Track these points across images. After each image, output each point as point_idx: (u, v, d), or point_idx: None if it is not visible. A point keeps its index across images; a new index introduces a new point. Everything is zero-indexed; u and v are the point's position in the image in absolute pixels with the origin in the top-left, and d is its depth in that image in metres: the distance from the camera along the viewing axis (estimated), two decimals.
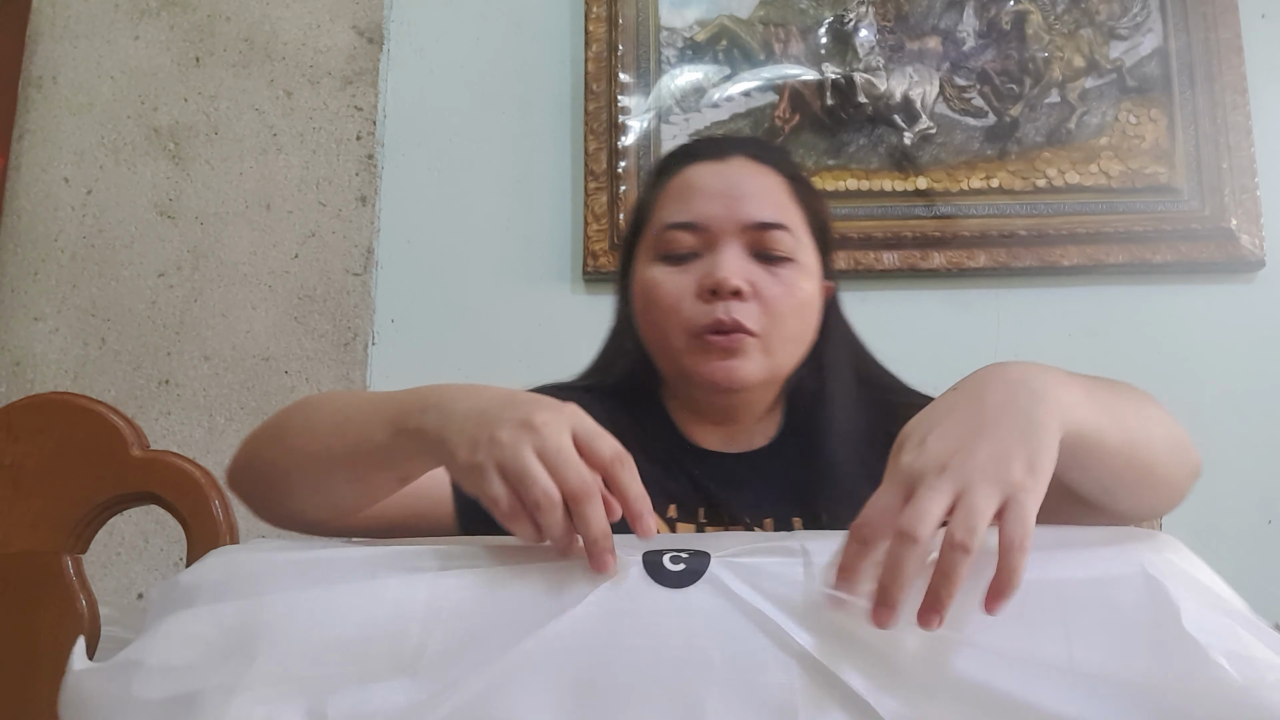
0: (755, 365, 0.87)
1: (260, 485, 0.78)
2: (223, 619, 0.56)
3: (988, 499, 0.52)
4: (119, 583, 1.58)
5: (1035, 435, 0.56)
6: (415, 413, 0.66)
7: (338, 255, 1.70)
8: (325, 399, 0.79)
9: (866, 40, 1.75)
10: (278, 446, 0.76)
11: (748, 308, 0.86)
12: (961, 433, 0.56)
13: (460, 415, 0.63)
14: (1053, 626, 0.53)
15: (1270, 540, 1.58)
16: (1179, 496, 0.71)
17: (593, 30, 1.76)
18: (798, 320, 0.90)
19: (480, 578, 0.57)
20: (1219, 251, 1.66)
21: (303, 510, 0.76)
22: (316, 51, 1.77)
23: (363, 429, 0.69)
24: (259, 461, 0.78)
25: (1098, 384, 0.66)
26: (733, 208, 0.89)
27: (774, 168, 0.93)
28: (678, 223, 0.90)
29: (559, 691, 0.52)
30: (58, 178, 1.72)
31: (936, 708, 0.51)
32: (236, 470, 0.81)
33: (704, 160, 0.93)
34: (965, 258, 1.68)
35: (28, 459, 0.86)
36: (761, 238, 0.89)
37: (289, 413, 0.78)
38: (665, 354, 0.91)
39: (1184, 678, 0.51)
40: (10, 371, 1.66)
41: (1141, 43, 1.74)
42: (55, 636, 0.82)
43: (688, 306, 0.87)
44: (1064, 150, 1.71)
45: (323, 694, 0.53)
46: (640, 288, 0.92)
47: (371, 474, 0.71)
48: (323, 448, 0.71)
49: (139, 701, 0.54)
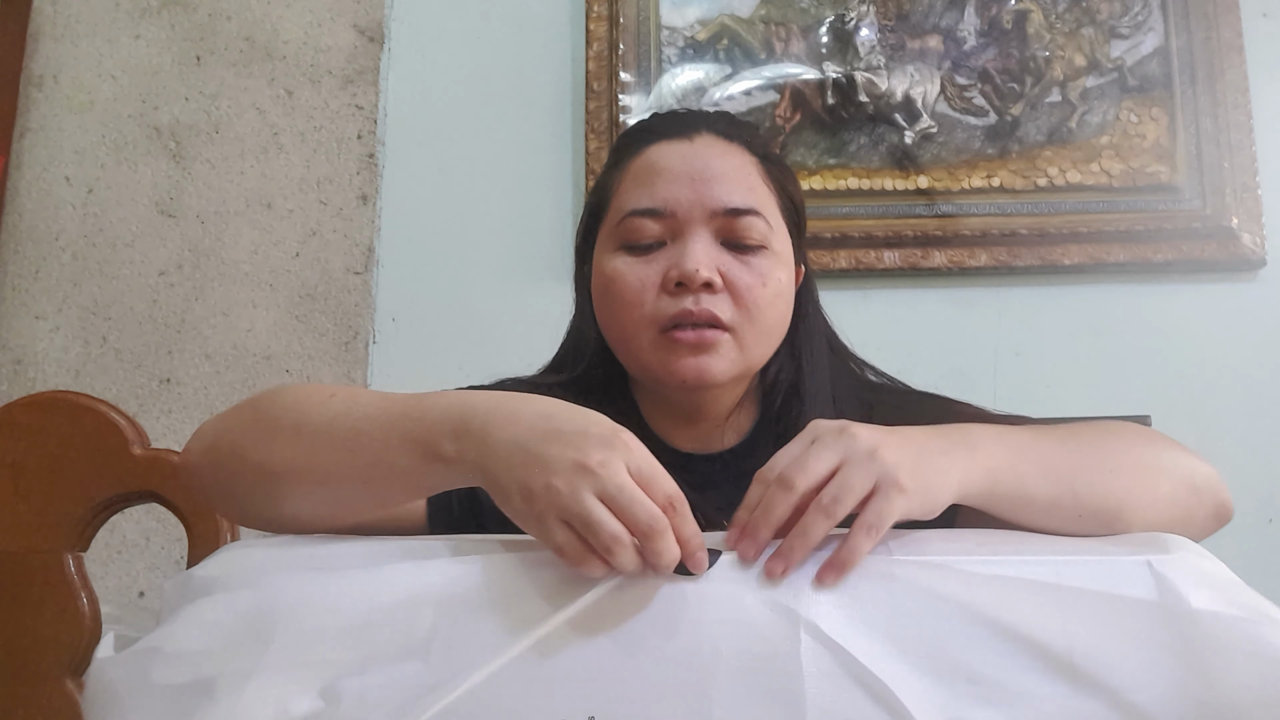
0: (728, 362, 0.82)
1: (242, 487, 0.70)
2: (238, 606, 0.57)
3: (862, 478, 0.58)
4: (120, 581, 1.58)
5: (934, 464, 0.61)
6: (445, 438, 0.61)
7: (339, 254, 1.70)
8: (311, 396, 0.70)
9: (867, 39, 1.75)
10: (268, 449, 0.68)
11: (719, 299, 0.81)
12: (879, 432, 0.61)
13: (503, 450, 0.58)
14: (1054, 621, 0.54)
15: (1271, 539, 1.58)
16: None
17: (594, 29, 1.76)
18: (772, 311, 0.84)
19: (492, 565, 0.58)
20: (1220, 250, 1.66)
21: (295, 516, 0.70)
22: (317, 50, 1.77)
23: (382, 450, 0.64)
24: (241, 463, 0.70)
25: (1047, 436, 0.68)
26: (701, 192, 0.82)
27: (744, 145, 0.87)
28: (640, 209, 0.83)
29: (570, 677, 0.53)
30: (59, 177, 1.72)
31: (943, 687, 0.52)
32: (204, 465, 0.72)
33: (668, 139, 0.86)
34: (966, 257, 1.68)
35: (29, 457, 0.87)
36: (732, 224, 0.83)
37: (271, 409, 0.70)
38: (628, 351, 0.86)
39: (1198, 664, 0.52)
40: (11, 370, 1.66)
41: (1143, 41, 1.74)
42: (56, 635, 0.82)
43: (652, 300, 0.82)
44: (1065, 149, 1.71)
45: (336, 677, 0.54)
46: (600, 280, 0.86)
47: (393, 494, 0.67)
48: (331, 462, 0.65)
49: (158, 687, 0.55)
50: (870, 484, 0.58)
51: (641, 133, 0.89)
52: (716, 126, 0.87)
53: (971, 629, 0.53)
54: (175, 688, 0.54)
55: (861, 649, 0.52)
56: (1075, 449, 0.67)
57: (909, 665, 0.52)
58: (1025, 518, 0.64)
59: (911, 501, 0.58)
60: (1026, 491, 0.63)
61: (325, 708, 0.53)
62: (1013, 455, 0.64)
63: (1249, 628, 0.53)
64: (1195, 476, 0.70)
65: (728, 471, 0.87)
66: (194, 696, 0.54)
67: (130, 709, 0.55)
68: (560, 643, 0.54)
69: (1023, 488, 0.63)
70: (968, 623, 0.53)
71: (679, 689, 0.52)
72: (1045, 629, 0.53)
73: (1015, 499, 0.64)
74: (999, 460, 0.63)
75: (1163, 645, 0.53)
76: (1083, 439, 0.69)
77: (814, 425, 0.62)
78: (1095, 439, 0.70)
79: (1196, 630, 0.53)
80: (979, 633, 0.53)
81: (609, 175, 0.90)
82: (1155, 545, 0.59)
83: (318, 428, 0.67)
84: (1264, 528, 1.59)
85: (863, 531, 0.57)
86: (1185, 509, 0.68)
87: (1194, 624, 0.53)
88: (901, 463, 0.58)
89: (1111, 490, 0.65)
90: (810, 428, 0.62)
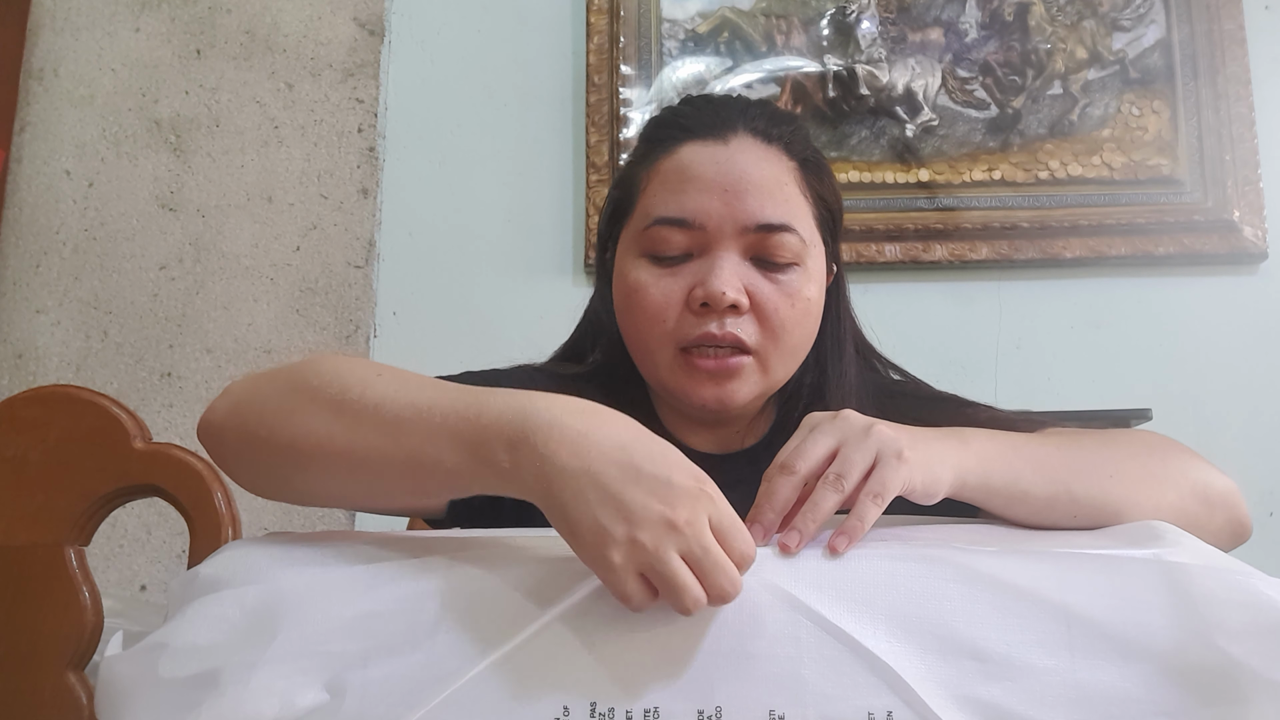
0: (750, 385, 0.80)
1: (266, 456, 0.67)
2: (244, 601, 0.57)
3: (862, 453, 0.59)
4: (122, 575, 1.58)
5: (928, 444, 0.62)
6: (500, 445, 0.57)
7: (339, 248, 1.70)
8: (355, 371, 0.67)
9: (868, 32, 1.75)
10: (302, 423, 0.64)
11: (743, 321, 0.78)
12: (873, 417, 0.62)
13: (574, 481, 0.55)
14: (1055, 615, 0.54)
15: (1272, 533, 1.58)
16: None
17: (594, 22, 1.76)
18: (799, 331, 0.81)
19: (495, 558, 0.58)
20: (1221, 243, 1.66)
21: (318, 494, 0.67)
22: (318, 44, 1.77)
23: (429, 444, 0.60)
24: (269, 432, 0.66)
25: (1046, 440, 0.68)
26: (733, 205, 0.78)
27: (782, 148, 0.82)
28: (669, 218, 0.79)
29: (572, 666, 0.53)
30: (59, 170, 1.72)
31: (948, 664, 0.52)
32: (228, 428, 0.69)
33: (701, 139, 0.81)
34: (967, 250, 1.68)
35: (30, 451, 0.86)
36: (764, 241, 0.79)
37: (310, 380, 0.66)
38: (647, 364, 0.83)
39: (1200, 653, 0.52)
40: (12, 364, 1.66)
41: (1144, 34, 1.73)
42: (58, 629, 0.82)
43: (675, 317, 0.79)
44: (1066, 142, 1.71)
45: (342, 669, 0.54)
46: (622, 286, 0.83)
47: (432, 489, 0.63)
48: (371, 447, 0.62)
49: (165, 681, 0.55)
50: (871, 457, 0.59)
51: (674, 127, 0.84)
52: (755, 124, 0.82)
53: (973, 607, 0.54)
54: (182, 681, 0.55)
55: (863, 631, 0.53)
56: (1074, 453, 0.67)
57: (912, 645, 0.52)
58: (1023, 515, 0.64)
59: (914, 472, 0.59)
60: (1021, 487, 0.63)
61: (330, 700, 0.53)
62: (1007, 450, 0.65)
63: (1240, 579, 0.54)
64: (1209, 489, 0.70)
65: (744, 471, 0.85)
66: (200, 689, 0.54)
67: (138, 703, 0.55)
68: (563, 632, 0.54)
69: (1017, 482, 0.63)
70: (969, 601, 0.54)
71: (680, 677, 0.53)
72: (1044, 601, 0.54)
73: (1011, 494, 0.63)
74: (991, 453, 0.64)
75: (1159, 606, 0.53)
76: (1084, 445, 0.69)
77: (810, 417, 0.63)
78: (1099, 446, 0.69)
79: (1191, 586, 0.53)
80: (981, 610, 0.53)
81: (637, 168, 0.85)
82: (1150, 530, 0.60)
83: (360, 409, 0.63)
84: (1265, 521, 1.59)
85: (869, 499, 0.58)
86: (1193, 520, 0.67)
87: (1188, 578, 0.54)
88: (899, 437, 0.60)
89: (1110, 494, 0.64)
90: (807, 420, 0.63)
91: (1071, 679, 0.52)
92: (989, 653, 0.52)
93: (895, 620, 0.53)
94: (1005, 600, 0.54)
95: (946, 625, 0.53)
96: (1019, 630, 0.53)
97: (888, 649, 0.52)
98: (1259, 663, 0.51)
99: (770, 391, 0.84)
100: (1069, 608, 0.53)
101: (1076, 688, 0.51)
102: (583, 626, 0.54)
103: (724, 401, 0.79)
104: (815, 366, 0.88)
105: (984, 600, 0.54)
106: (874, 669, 0.52)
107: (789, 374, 0.84)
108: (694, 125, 0.82)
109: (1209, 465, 0.72)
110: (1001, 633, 0.53)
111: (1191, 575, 0.54)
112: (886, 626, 0.53)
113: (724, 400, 0.79)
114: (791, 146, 0.83)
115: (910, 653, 0.52)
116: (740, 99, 0.87)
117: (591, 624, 0.54)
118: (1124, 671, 0.52)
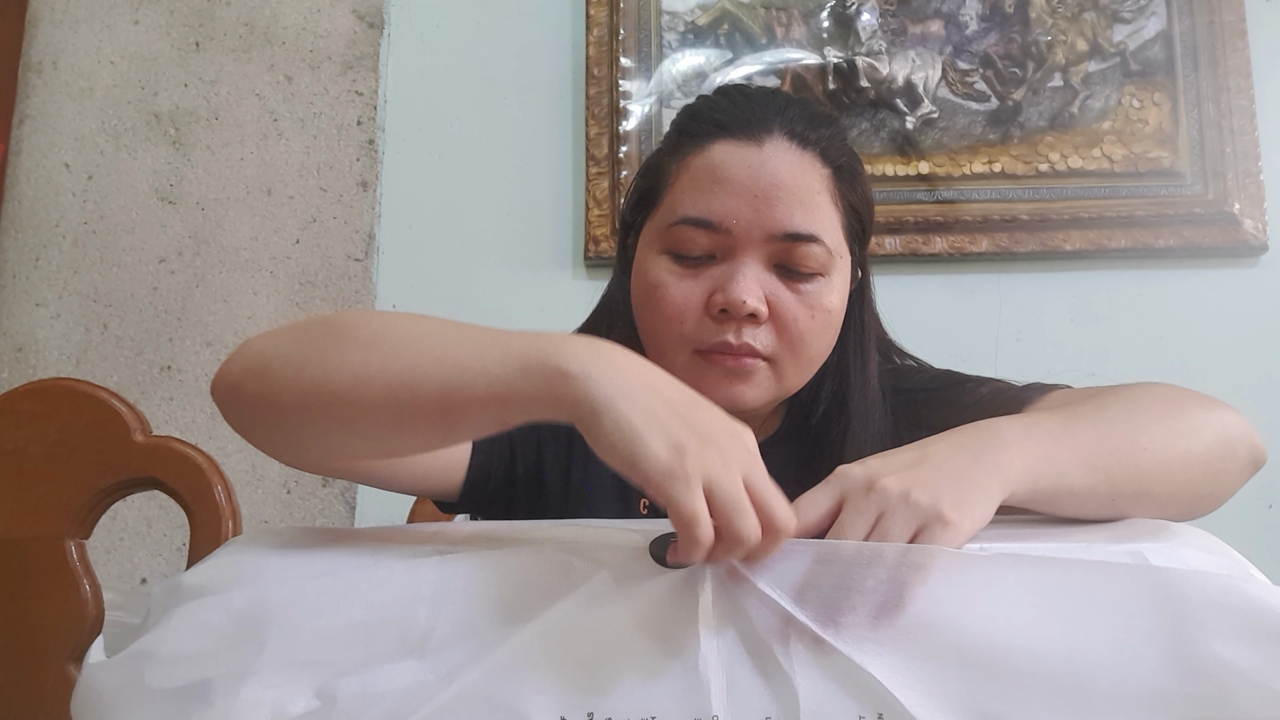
0: (761, 390, 0.80)
1: (287, 401, 0.64)
2: (231, 607, 0.56)
3: (903, 526, 0.55)
4: (122, 568, 1.59)
5: (970, 480, 0.58)
6: (557, 357, 0.56)
7: (339, 241, 1.70)
8: (395, 315, 0.65)
9: (869, 24, 1.75)
10: (335, 359, 0.62)
11: (761, 331, 0.78)
12: (902, 462, 0.59)
13: (643, 397, 0.55)
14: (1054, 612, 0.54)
15: (1271, 525, 1.58)
16: (1206, 502, 0.69)
17: (594, 14, 1.75)
18: (817, 342, 0.81)
19: (486, 561, 0.58)
20: (1222, 236, 1.66)
21: (337, 447, 0.65)
22: (317, 36, 1.76)
23: (477, 357, 0.59)
24: (296, 374, 0.63)
25: (1078, 419, 0.66)
26: (762, 212, 0.77)
27: (818, 155, 0.80)
28: (695, 218, 0.78)
29: (565, 673, 0.52)
30: (58, 163, 1.72)
31: (931, 666, 0.52)
32: (245, 380, 0.67)
33: (735, 139, 0.79)
34: (967, 243, 1.68)
35: (31, 445, 0.87)
36: (789, 250, 0.78)
37: (348, 321, 0.65)
38: (661, 363, 0.81)
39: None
40: (12, 358, 1.66)
41: (1145, 26, 1.73)
42: (59, 621, 0.82)
43: (693, 320, 0.79)
44: (1067, 134, 1.70)
45: (332, 677, 0.53)
46: (641, 281, 0.82)
47: (469, 416, 0.60)
48: (410, 368, 0.60)
49: (151, 691, 0.54)
50: (912, 530, 0.55)
51: (708, 122, 0.82)
52: (792, 126, 0.79)
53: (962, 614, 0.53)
54: (170, 691, 0.54)
55: (852, 640, 0.52)
56: (1107, 429, 0.65)
57: (899, 653, 0.52)
58: (1062, 509, 0.63)
59: (961, 531, 0.56)
60: (1066, 483, 0.62)
61: (321, 707, 0.52)
62: (1048, 446, 0.62)
63: (1234, 584, 0.53)
64: (1227, 429, 0.70)
65: None
66: (189, 700, 0.53)
67: (124, 714, 0.54)
68: (555, 638, 0.53)
69: (1062, 479, 0.62)
70: (956, 605, 0.53)
71: (675, 683, 0.52)
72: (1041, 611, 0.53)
73: (1056, 493, 0.62)
74: (1034, 455, 0.61)
75: (1151, 614, 0.53)
76: (1112, 415, 0.67)
77: (840, 476, 0.59)
78: (1126, 413, 0.68)
79: (1184, 592, 0.53)
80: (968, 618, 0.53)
81: (667, 159, 0.84)
82: (1149, 530, 0.60)
83: (400, 337, 0.62)
84: (1264, 513, 1.59)
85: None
86: (1220, 465, 0.68)
87: (1183, 584, 0.53)
88: (940, 496, 0.56)
89: (1145, 470, 0.64)
90: (836, 478, 0.59)
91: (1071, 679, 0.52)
92: (976, 659, 0.52)
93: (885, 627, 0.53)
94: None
95: (935, 630, 0.53)
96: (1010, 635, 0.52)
97: (875, 656, 0.52)
98: (1253, 670, 0.51)
99: (782, 398, 0.84)
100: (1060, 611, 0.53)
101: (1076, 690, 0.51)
102: (576, 632, 0.54)
103: (734, 402, 0.78)
104: (837, 373, 0.87)
105: (974, 608, 0.53)
106: (865, 678, 0.51)
107: (803, 382, 0.83)
108: (729, 122, 0.80)
109: (1216, 402, 0.73)
110: (991, 638, 0.52)
111: (1184, 581, 0.53)
112: (875, 635, 0.53)
113: (734, 401, 0.78)
114: (827, 153, 0.81)
115: (898, 660, 0.52)
116: (779, 95, 0.85)
117: (585, 630, 0.54)
118: (1118, 679, 0.51)
